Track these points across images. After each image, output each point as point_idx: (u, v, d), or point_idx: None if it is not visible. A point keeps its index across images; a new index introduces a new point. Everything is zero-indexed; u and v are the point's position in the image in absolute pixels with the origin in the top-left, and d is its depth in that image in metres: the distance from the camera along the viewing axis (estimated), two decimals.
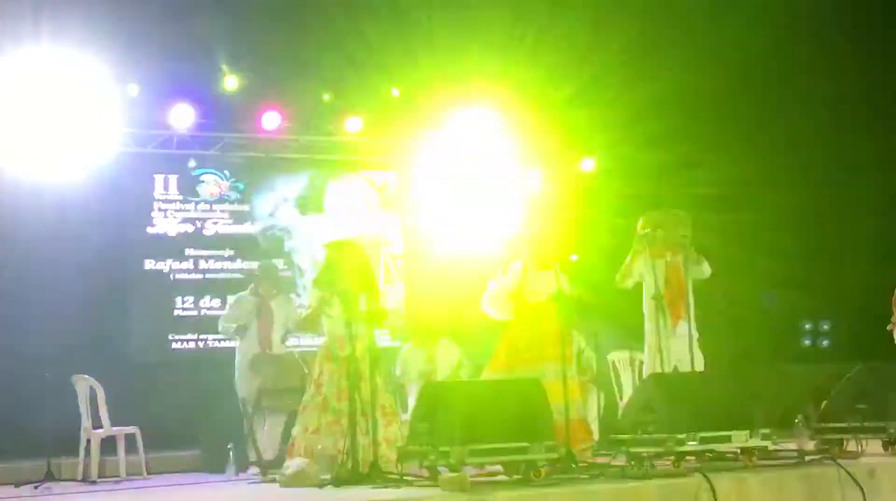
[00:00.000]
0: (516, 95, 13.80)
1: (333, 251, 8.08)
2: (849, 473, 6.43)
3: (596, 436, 8.31)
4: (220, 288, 13.22)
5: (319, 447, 7.42)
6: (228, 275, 13.35)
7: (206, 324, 12.97)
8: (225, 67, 12.62)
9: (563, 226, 11.54)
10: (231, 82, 12.63)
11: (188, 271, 13.31)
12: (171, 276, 13.25)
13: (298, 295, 10.64)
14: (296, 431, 7.93)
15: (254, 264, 11.90)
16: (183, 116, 12.61)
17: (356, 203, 14.37)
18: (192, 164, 13.42)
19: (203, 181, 13.55)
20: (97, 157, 12.19)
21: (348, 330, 7.56)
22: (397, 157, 14.27)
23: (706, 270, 8.95)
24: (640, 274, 8.79)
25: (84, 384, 9.65)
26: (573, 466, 6.98)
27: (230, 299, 10.24)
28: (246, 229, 13.71)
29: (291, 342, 10.48)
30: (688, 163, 15.55)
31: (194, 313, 13.22)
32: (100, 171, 12.28)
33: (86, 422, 9.62)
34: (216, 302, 13.18)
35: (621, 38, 13.59)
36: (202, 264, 13.38)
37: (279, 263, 13.02)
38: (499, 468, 6.94)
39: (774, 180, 15.81)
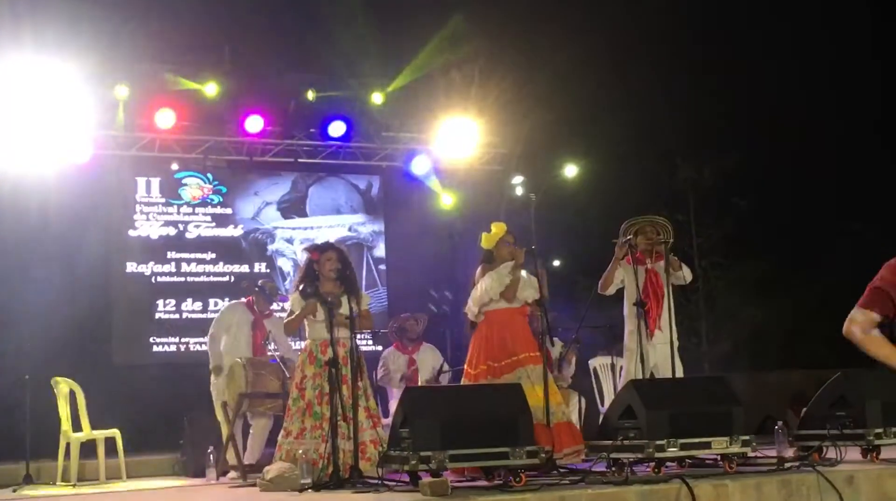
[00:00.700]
0: (498, 102, 13.86)
1: (315, 256, 8.08)
2: (827, 480, 6.45)
3: None
4: (202, 291, 13.25)
5: (301, 451, 7.41)
6: (210, 278, 13.37)
7: (188, 327, 12.97)
8: (208, 72, 12.64)
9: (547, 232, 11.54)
10: (211, 88, 12.64)
11: (170, 274, 13.33)
12: (153, 279, 13.26)
13: (279, 303, 10.63)
14: (280, 436, 7.93)
15: (235, 268, 11.92)
16: (166, 120, 12.60)
17: (339, 207, 14.40)
18: (174, 167, 13.43)
19: (185, 184, 13.56)
20: (79, 159, 12.19)
21: (330, 334, 7.58)
22: (380, 161, 14.28)
23: (687, 275, 8.98)
24: (622, 281, 8.82)
25: (64, 387, 9.62)
26: (554, 471, 7.00)
27: (223, 305, 10.20)
28: (228, 232, 13.73)
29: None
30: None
31: (176, 316, 13.23)
32: (82, 173, 12.29)
33: (65, 425, 9.58)
34: (198, 305, 13.20)
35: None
36: (184, 268, 13.39)
37: (262, 265, 13.05)
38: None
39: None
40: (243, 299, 10.22)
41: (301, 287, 8.00)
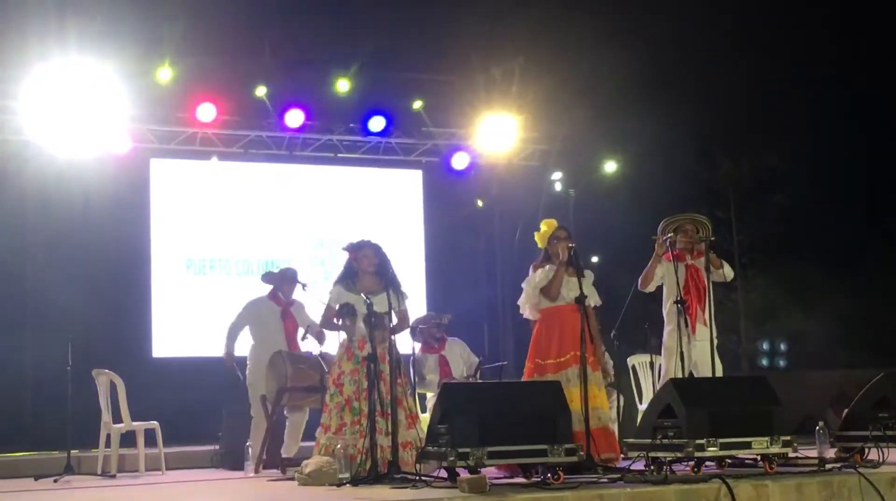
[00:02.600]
0: (537, 98, 13.83)
1: (354, 253, 8.11)
2: (869, 481, 6.40)
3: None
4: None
5: (339, 445, 7.42)
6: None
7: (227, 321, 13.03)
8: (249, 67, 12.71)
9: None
10: (260, 90, 12.74)
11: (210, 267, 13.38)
12: (193, 271, 13.32)
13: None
14: (318, 431, 7.95)
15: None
16: (207, 113, 12.67)
17: (380, 202, 14.38)
18: (214, 160, 13.49)
19: None
20: (119, 150, 12.29)
21: (369, 331, 7.59)
22: (420, 156, 14.29)
23: (728, 273, 8.92)
24: (662, 278, 8.78)
25: (104, 379, 9.68)
26: (592, 470, 6.98)
27: (245, 303, 10.16)
28: None
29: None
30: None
31: (215, 309, 13.26)
32: (122, 166, 12.38)
33: (106, 416, 9.64)
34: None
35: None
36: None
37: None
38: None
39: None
40: (264, 295, 10.14)
41: (342, 282, 8.03)
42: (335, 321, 8.01)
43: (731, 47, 15.17)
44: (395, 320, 8.01)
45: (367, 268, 8.02)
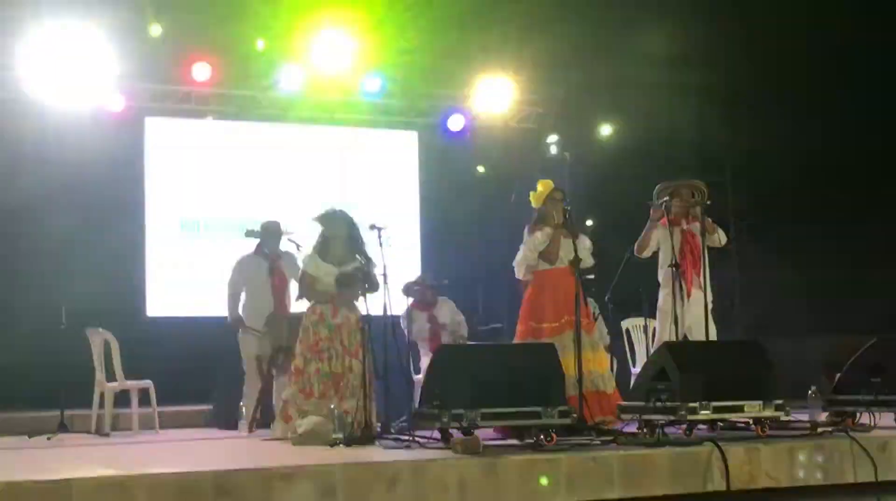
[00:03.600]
0: (535, 60, 13.77)
1: (325, 222, 8.18)
2: (861, 445, 6.43)
3: None
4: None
5: (332, 406, 7.45)
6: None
7: (221, 281, 13.01)
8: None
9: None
10: (260, 44, 12.67)
11: (206, 227, 13.37)
12: (188, 231, 13.30)
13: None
14: (288, 394, 7.98)
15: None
16: (202, 72, 12.60)
17: (374, 163, 14.36)
18: (209, 120, 13.43)
19: None
20: (114, 108, 12.24)
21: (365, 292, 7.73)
22: (416, 117, 14.24)
23: (721, 238, 8.92)
24: (658, 243, 8.78)
25: (98, 337, 9.68)
26: (585, 432, 7.01)
27: (233, 264, 10.13)
28: None
29: None
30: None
31: (209, 269, 13.25)
32: (118, 126, 12.33)
33: (99, 375, 9.66)
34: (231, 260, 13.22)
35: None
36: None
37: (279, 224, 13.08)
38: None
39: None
40: (251, 251, 10.10)
41: (317, 252, 8.09)
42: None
43: (732, 11, 15.09)
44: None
45: (338, 235, 8.08)
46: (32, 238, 11.87)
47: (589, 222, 18.38)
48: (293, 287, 9.38)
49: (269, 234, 9.94)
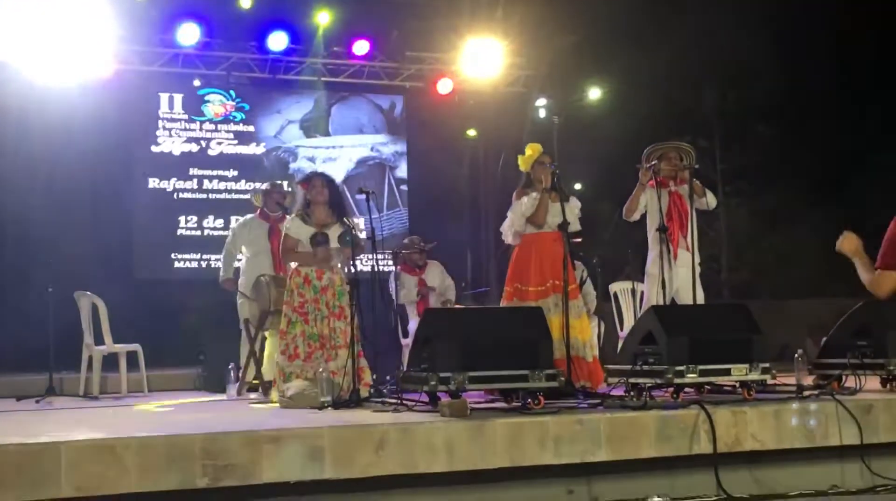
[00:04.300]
0: (523, 23, 13.71)
1: (304, 186, 8.18)
2: (846, 408, 6.45)
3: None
4: (224, 208, 13.27)
5: (321, 369, 7.46)
6: (232, 196, 13.39)
7: (209, 244, 13.02)
8: None
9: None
10: (245, 1, 12.59)
11: (192, 190, 13.36)
12: (175, 195, 13.29)
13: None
14: (279, 358, 7.99)
15: (257, 186, 11.87)
16: (189, 35, 12.54)
17: (361, 127, 14.35)
18: (197, 83, 13.39)
19: (208, 101, 13.53)
20: (102, 73, 12.16)
21: (350, 252, 7.77)
22: (404, 81, 14.19)
23: (711, 201, 8.91)
24: (645, 206, 8.77)
25: (86, 301, 9.67)
26: (573, 395, 7.03)
27: (234, 222, 10.15)
28: (251, 150, 13.73)
29: None
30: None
31: (197, 232, 13.28)
32: (105, 88, 12.27)
33: (88, 338, 9.65)
34: (219, 222, 13.23)
35: None
36: (206, 184, 13.41)
37: (283, 185, 13.03)
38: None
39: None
40: (253, 214, 10.12)
41: (301, 216, 8.07)
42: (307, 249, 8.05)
43: None
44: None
45: (318, 200, 8.07)
46: (20, 202, 11.83)
47: (578, 186, 18.40)
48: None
49: (270, 195, 9.97)
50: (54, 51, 11.58)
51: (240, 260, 10.09)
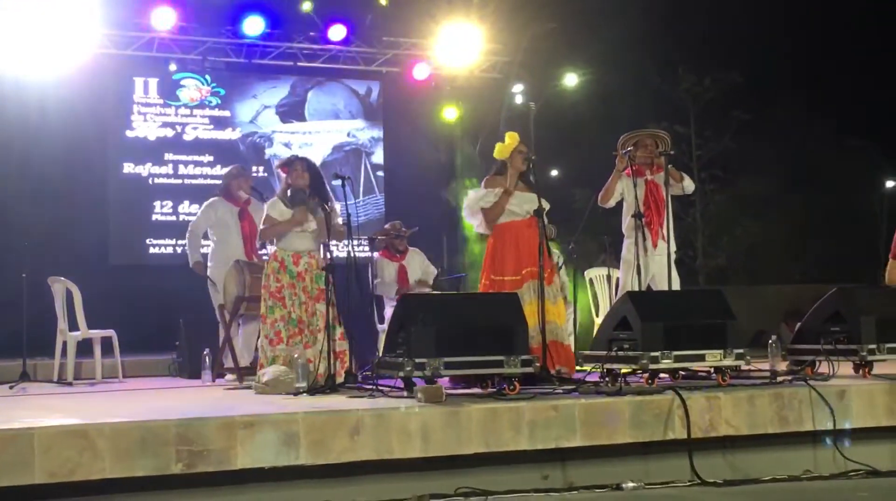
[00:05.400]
0: (500, 8, 13.70)
1: (284, 170, 8.16)
2: (819, 394, 6.51)
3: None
4: (199, 194, 13.19)
5: (296, 355, 7.45)
6: (207, 181, 13.33)
7: (184, 229, 12.94)
8: None
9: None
10: None
11: (167, 175, 13.30)
12: (150, 180, 13.24)
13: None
14: (263, 342, 7.98)
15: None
16: (164, 19, 12.46)
17: (338, 112, 14.32)
18: (172, 68, 13.32)
19: (183, 86, 13.47)
20: (76, 57, 12.07)
21: (305, 246, 7.86)
22: (380, 66, 14.16)
23: (688, 186, 8.93)
24: (621, 193, 8.78)
25: (60, 287, 9.61)
26: (548, 381, 7.05)
27: (203, 205, 10.04)
28: (226, 135, 13.68)
29: None
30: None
31: (172, 218, 13.23)
32: (80, 72, 12.19)
33: (62, 324, 9.59)
34: (194, 208, 13.14)
35: None
36: (181, 170, 13.36)
37: (259, 169, 13.01)
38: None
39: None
40: (220, 196, 10.00)
41: (285, 199, 8.04)
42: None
43: None
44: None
45: (299, 183, 8.04)
46: None
47: (554, 173, 18.42)
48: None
49: (236, 177, 9.87)
50: (28, 36, 11.49)
51: (207, 245, 10.02)
